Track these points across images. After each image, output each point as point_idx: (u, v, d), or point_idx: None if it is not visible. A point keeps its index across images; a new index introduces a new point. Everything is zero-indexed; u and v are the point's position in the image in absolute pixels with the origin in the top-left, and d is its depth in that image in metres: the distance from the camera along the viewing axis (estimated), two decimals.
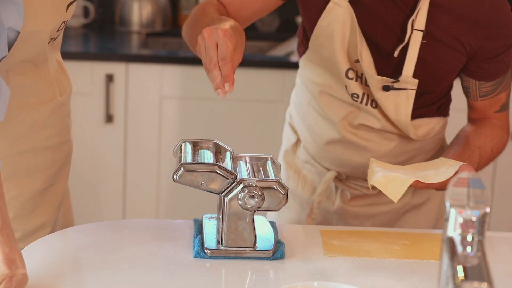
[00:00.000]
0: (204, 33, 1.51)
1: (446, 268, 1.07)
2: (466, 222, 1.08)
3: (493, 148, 1.84)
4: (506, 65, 1.79)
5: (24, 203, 1.69)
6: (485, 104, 1.85)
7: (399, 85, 1.76)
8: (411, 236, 1.67)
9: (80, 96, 3.13)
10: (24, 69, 1.63)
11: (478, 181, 1.14)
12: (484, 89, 1.82)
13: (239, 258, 1.52)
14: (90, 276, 1.43)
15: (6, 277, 1.29)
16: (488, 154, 1.83)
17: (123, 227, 1.69)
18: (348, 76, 1.79)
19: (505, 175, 3.26)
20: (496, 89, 1.81)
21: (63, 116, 1.74)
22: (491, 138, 1.84)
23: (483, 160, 1.83)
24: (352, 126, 1.85)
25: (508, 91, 1.84)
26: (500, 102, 1.84)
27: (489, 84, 1.81)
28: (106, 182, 3.25)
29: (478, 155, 1.81)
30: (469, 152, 1.80)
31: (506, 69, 1.80)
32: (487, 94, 1.82)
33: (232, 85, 1.49)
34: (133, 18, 3.61)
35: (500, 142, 1.86)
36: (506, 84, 1.82)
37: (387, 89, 1.77)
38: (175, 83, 3.19)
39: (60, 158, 1.75)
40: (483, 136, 1.84)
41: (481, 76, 1.80)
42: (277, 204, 1.51)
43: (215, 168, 1.50)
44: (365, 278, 1.47)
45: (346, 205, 1.92)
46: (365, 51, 1.75)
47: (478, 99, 1.84)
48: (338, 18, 1.75)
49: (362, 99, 1.81)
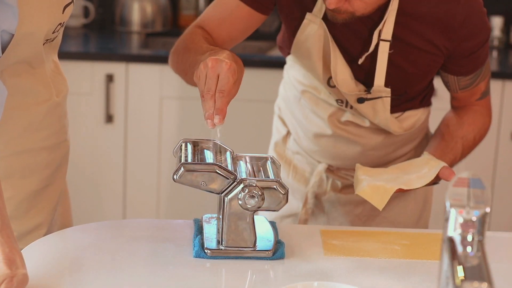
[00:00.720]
0: (209, 62, 1.51)
1: (446, 268, 1.07)
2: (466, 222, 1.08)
3: (475, 136, 1.87)
4: (483, 58, 1.81)
5: (20, 204, 1.69)
6: (466, 95, 1.87)
7: (373, 95, 1.79)
8: (411, 236, 1.68)
9: (80, 96, 3.13)
10: (20, 70, 1.62)
11: (478, 181, 1.14)
12: (463, 82, 1.84)
13: (239, 258, 1.52)
14: (90, 276, 1.43)
15: (7, 277, 1.29)
16: (471, 143, 1.86)
17: (123, 227, 1.69)
18: (330, 84, 1.84)
19: (505, 175, 3.26)
20: (474, 81, 1.83)
21: (60, 117, 1.74)
22: (473, 127, 1.86)
23: (466, 149, 1.86)
24: (341, 122, 1.89)
25: (487, 78, 1.86)
26: (480, 90, 1.86)
27: (468, 78, 1.83)
28: (106, 182, 3.25)
29: (461, 146, 1.84)
30: (452, 144, 1.83)
31: (483, 62, 1.82)
32: (466, 86, 1.85)
33: (223, 119, 1.52)
34: (133, 18, 3.61)
35: (482, 128, 1.88)
36: (484, 74, 1.84)
37: (361, 101, 1.80)
38: (175, 83, 3.19)
39: (56, 158, 1.75)
40: (466, 125, 1.86)
41: (459, 72, 1.82)
42: (277, 204, 1.51)
43: (215, 168, 1.50)
44: (365, 278, 1.47)
45: (337, 193, 1.95)
46: (340, 64, 1.78)
47: (458, 91, 1.86)
48: (314, 34, 1.78)
49: (347, 105, 1.86)
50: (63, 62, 1.92)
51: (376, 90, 1.78)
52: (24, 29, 1.52)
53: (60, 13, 1.61)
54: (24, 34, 1.54)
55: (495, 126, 3.20)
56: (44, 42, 1.62)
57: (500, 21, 3.61)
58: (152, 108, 3.19)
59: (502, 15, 3.64)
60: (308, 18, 1.78)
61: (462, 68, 1.81)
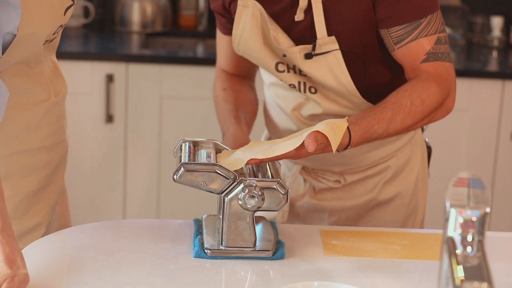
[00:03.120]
0: None
1: (446, 268, 1.07)
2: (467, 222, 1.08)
3: (413, 101, 1.68)
4: (413, 7, 1.71)
5: (18, 204, 1.69)
6: (405, 53, 1.74)
7: (320, 49, 1.73)
8: (411, 236, 1.68)
9: (80, 96, 3.13)
10: (19, 70, 1.63)
11: (478, 181, 1.14)
12: (395, 34, 1.73)
13: (239, 258, 1.52)
14: (90, 276, 1.43)
15: (8, 277, 1.29)
16: (408, 108, 1.68)
17: (123, 227, 1.69)
18: (279, 69, 1.80)
19: (505, 175, 3.26)
20: (410, 34, 1.72)
21: (58, 117, 1.74)
22: (410, 92, 1.69)
23: (401, 115, 1.68)
24: (304, 117, 1.85)
25: (435, 39, 1.73)
26: (423, 49, 1.72)
27: (399, 28, 1.72)
28: (106, 182, 3.25)
29: (390, 111, 1.67)
30: (377, 110, 1.68)
31: (415, 12, 1.71)
32: (400, 40, 1.73)
33: None
34: (133, 18, 3.61)
35: (424, 93, 1.69)
36: (427, 30, 1.72)
37: (309, 56, 1.74)
38: (175, 83, 3.19)
39: (55, 158, 1.75)
40: (402, 91, 1.70)
41: (389, 22, 1.72)
42: (277, 204, 1.51)
43: (215, 168, 1.50)
44: (365, 278, 1.47)
45: (312, 199, 1.92)
46: (281, 34, 1.75)
47: (394, 47, 1.74)
48: (249, 19, 1.76)
49: (300, 88, 1.81)
50: (63, 62, 1.93)
51: (321, 43, 1.73)
52: (26, 30, 1.52)
53: (62, 14, 1.61)
54: (26, 35, 1.54)
55: (495, 126, 3.20)
56: (43, 43, 1.62)
57: (500, 21, 3.61)
58: (152, 108, 3.19)
59: (502, 15, 3.65)
60: (240, 3, 1.77)
61: (387, 14, 1.71)
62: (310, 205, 1.93)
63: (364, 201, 1.92)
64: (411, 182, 1.94)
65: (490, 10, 3.66)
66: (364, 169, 1.91)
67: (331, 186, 1.91)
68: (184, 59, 3.28)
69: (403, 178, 1.93)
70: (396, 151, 1.91)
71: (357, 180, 1.91)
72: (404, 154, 1.92)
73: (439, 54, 1.74)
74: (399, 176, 1.93)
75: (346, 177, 1.91)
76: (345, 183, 1.91)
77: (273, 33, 1.75)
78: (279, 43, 1.75)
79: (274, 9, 1.77)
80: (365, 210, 1.93)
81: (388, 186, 1.93)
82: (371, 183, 1.92)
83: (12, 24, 1.50)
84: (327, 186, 1.92)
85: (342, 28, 1.74)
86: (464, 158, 3.24)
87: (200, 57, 3.52)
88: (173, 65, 3.19)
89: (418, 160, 1.95)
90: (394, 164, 1.92)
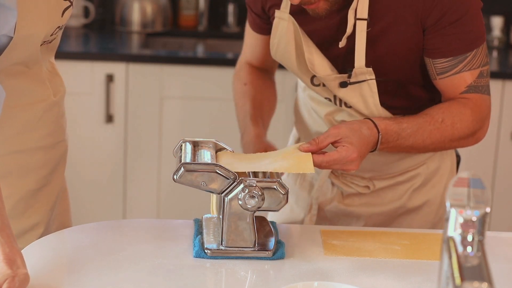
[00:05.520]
0: None
1: (446, 268, 1.07)
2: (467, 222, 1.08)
3: (444, 119, 1.71)
4: (461, 42, 1.72)
5: (17, 203, 1.69)
6: (447, 84, 1.75)
7: (356, 78, 1.74)
8: (411, 236, 1.67)
9: (80, 96, 3.13)
10: (16, 71, 1.63)
11: (478, 181, 1.14)
12: (439, 65, 1.74)
13: (239, 258, 1.52)
14: (90, 276, 1.43)
15: (9, 277, 1.29)
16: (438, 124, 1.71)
17: (123, 227, 1.69)
18: (314, 83, 1.81)
19: (505, 175, 3.26)
20: (454, 67, 1.73)
21: (57, 117, 1.74)
22: (444, 110, 1.72)
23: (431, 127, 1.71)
24: (337, 122, 1.85)
25: (478, 73, 1.74)
26: (465, 82, 1.74)
27: (444, 61, 1.73)
28: (106, 182, 3.25)
29: (422, 119, 1.71)
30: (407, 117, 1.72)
31: (462, 47, 1.72)
32: (444, 72, 1.74)
33: None
34: (134, 18, 3.61)
35: (458, 116, 1.72)
36: (471, 64, 1.73)
37: (344, 85, 1.75)
38: (175, 83, 3.19)
39: (54, 158, 1.75)
40: (436, 108, 1.73)
41: (432, 51, 1.73)
42: (277, 204, 1.51)
43: (215, 168, 1.50)
44: (365, 278, 1.47)
45: (340, 204, 1.91)
46: (316, 54, 1.75)
47: (436, 77, 1.76)
48: (285, 32, 1.77)
49: (335, 102, 1.82)
50: (63, 62, 1.93)
51: (358, 73, 1.73)
52: (22, 32, 1.52)
53: (59, 16, 1.61)
54: (23, 37, 1.54)
55: (495, 126, 3.20)
56: (41, 44, 1.62)
57: (500, 21, 3.61)
58: (152, 108, 3.19)
59: (502, 15, 3.65)
60: (277, 15, 1.78)
61: (435, 45, 1.72)
62: (338, 210, 1.92)
63: (392, 208, 1.91)
64: (440, 191, 1.93)
65: (490, 10, 3.65)
66: (393, 176, 1.89)
67: (359, 191, 1.90)
68: (184, 59, 3.27)
69: (432, 186, 1.92)
70: (426, 159, 1.90)
71: (386, 186, 1.90)
72: (434, 162, 1.91)
73: (480, 87, 1.76)
74: (428, 184, 1.91)
75: (375, 183, 1.89)
76: (374, 189, 1.89)
77: (308, 55, 1.74)
78: (314, 66, 1.75)
79: (311, 27, 1.76)
80: (393, 217, 1.92)
81: (417, 194, 1.91)
82: (400, 190, 1.90)
83: (8, 26, 1.50)
84: (355, 191, 1.90)
85: (384, 56, 1.74)
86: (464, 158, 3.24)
87: (200, 57, 3.52)
88: (173, 65, 3.19)
89: (447, 168, 1.94)
90: (423, 172, 1.90)
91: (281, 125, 3.16)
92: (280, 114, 3.15)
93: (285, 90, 3.12)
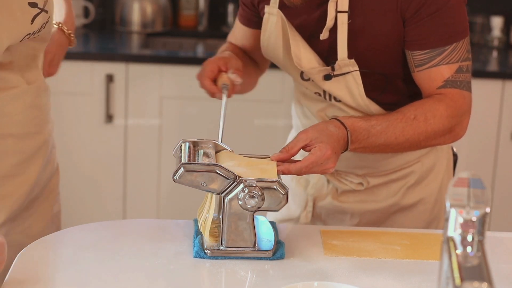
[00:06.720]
0: None
1: (446, 268, 1.07)
2: (467, 222, 1.08)
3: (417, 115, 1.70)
4: (439, 34, 1.71)
5: None
6: (424, 77, 1.74)
7: (340, 70, 1.74)
8: (411, 236, 1.68)
9: (80, 96, 3.13)
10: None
11: (478, 181, 1.14)
12: (418, 57, 1.73)
13: (239, 258, 1.52)
14: (90, 276, 1.43)
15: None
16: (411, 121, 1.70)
17: (123, 227, 1.69)
18: (304, 78, 1.81)
19: (505, 175, 3.26)
20: (432, 60, 1.73)
21: (30, 107, 1.71)
22: (416, 107, 1.71)
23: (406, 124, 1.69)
24: (329, 118, 1.84)
25: (456, 68, 1.74)
26: (442, 76, 1.73)
27: (421, 53, 1.73)
28: (106, 182, 3.25)
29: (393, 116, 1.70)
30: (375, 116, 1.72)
31: (440, 39, 1.72)
32: (421, 63, 1.74)
33: None
34: (133, 18, 3.61)
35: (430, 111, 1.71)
36: (448, 58, 1.73)
37: (328, 78, 1.76)
38: (175, 83, 3.19)
39: (27, 149, 1.71)
40: (409, 105, 1.72)
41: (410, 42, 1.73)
42: (277, 204, 1.51)
43: (215, 168, 1.50)
44: (365, 278, 1.47)
45: (335, 200, 1.92)
46: (303, 48, 1.76)
47: (414, 70, 1.75)
48: (274, 28, 1.78)
49: (325, 96, 1.82)
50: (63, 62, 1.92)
51: (342, 65, 1.73)
52: None
53: (28, 24, 1.60)
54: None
55: (495, 126, 3.20)
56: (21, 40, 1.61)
57: (500, 21, 3.61)
58: (152, 108, 3.19)
59: (502, 15, 3.65)
60: (267, 10, 1.79)
61: (413, 37, 1.72)
62: (332, 206, 1.92)
63: (386, 205, 1.91)
64: (434, 189, 1.93)
65: (490, 10, 3.65)
66: (388, 173, 1.89)
67: (354, 188, 1.90)
68: (184, 59, 3.27)
69: (427, 184, 1.92)
70: (421, 156, 1.90)
71: (381, 183, 1.90)
72: (429, 160, 1.91)
73: (458, 82, 1.75)
74: (423, 182, 1.91)
75: (369, 180, 1.89)
76: (368, 186, 1.89)
77: (294, 49, 1.75)
78: (300, 60, 1.75)
79: (298, 21, 1.77)
80: (387, 214, 1.92)
81: (411, 192, 1.91)
82: (395, 187, 1.90)
83: None
84: (350, 188, 1.90)
85: (367, 48, 1.74)
86: (464, 158, 3.24)
87: (200, 57, 3.52)
88: (173, 65, 3.19)
89: (443, 167, 1.94)
90: (418, 170, 1.90)
91: (281, 125, 3.16)
92: (280, 114, 3.15)
93: (285, 90, 3.12)
